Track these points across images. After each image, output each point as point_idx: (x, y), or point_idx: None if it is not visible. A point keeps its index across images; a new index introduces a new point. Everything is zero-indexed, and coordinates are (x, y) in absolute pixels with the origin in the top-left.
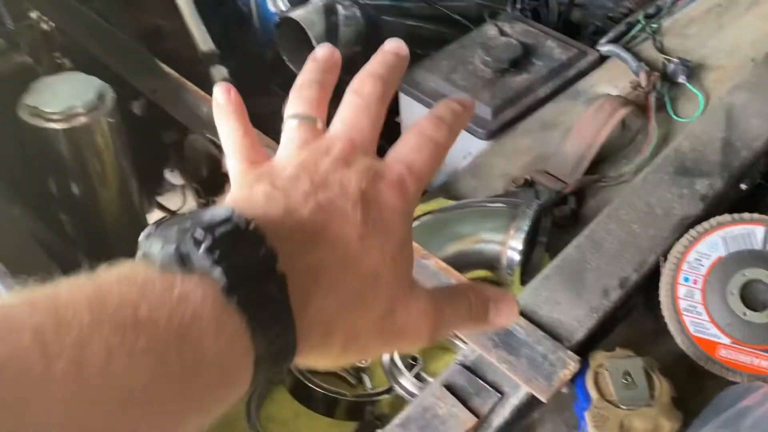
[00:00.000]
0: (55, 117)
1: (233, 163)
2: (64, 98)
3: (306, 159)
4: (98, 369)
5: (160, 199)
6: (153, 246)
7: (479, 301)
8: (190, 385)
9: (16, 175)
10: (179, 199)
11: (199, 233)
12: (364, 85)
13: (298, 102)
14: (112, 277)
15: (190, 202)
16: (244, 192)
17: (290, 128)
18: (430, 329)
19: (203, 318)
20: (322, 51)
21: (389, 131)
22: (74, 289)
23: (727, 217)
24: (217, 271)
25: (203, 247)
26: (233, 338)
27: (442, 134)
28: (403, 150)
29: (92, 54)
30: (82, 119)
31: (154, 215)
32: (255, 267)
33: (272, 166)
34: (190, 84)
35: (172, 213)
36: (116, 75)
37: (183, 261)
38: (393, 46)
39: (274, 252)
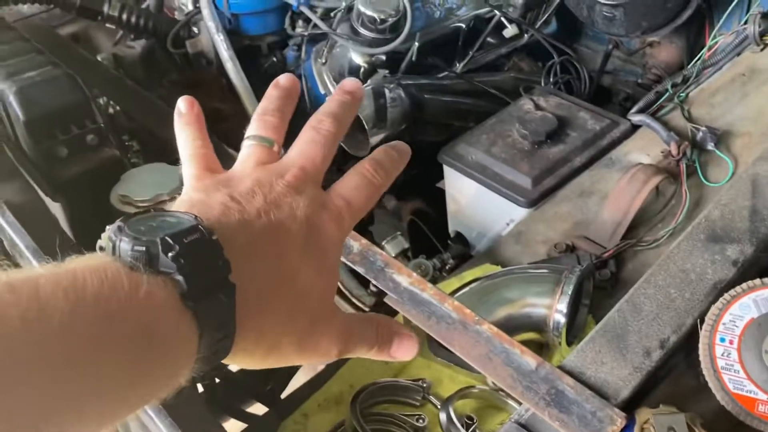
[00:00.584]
0: (143, 204)
1: (189, 168)
2: (151, 187)
3: (262, 177)
4: (77, 354)
5: None
6: (123, 243)
7: (385, 333)
8: (148, 372)
9: None
10: None
11: (169, 240)
12: (321, 123)
13: (259, 125)
14: (84, 270)
15: None
16: (201, 197)
17: (248, 147)
18: (339, 349)
19: (164, 317)
20: (285, 80)
21: (432, 197)
22: (52, 279)
23: (757, 281)
24: (181, 278)
25: (171, 253)
26: (185, 339)
27: (380, 178)
28: (346, 187)
29: (159, 137)
30: (168, 205)
31: None
32: (213, 277)
33: (229, 177)
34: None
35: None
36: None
37: (150, 262)
38: (350, 86)
39: (229, 264)
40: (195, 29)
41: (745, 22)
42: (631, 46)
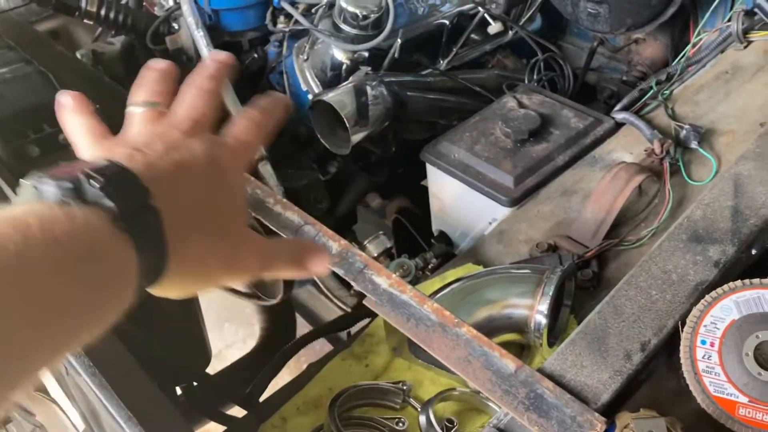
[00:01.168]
0: None
1: (83, 140)
2: None
3: (157, 130)
4: (35, 273)
5: None
6: (47, 187)
7: (299, 249)
8: (99, 288)
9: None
10: None
11: (91, 172)
12: (202, 82)
13: (143, 91)
14: (21, 213)
15: None
16: (105, 154)
17: (136, 113)
18: (261, 264)
19: (103, 239)
20: (160, 65)
21: (417, 195)
22: None
23: (738, 283)
24: (111, 203)
25: (96, 184)
26: (125, 256)
27: (264, 120)
28: (237, 129)
29: None
30: None
31: None
32: (137, 201)
33: (125, 138)
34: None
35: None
36: None
37: (79, 196)
38: (220, 56)
39: (149, 190)
40: (175, 25)
41: (729, 20)
42: (615, 43)
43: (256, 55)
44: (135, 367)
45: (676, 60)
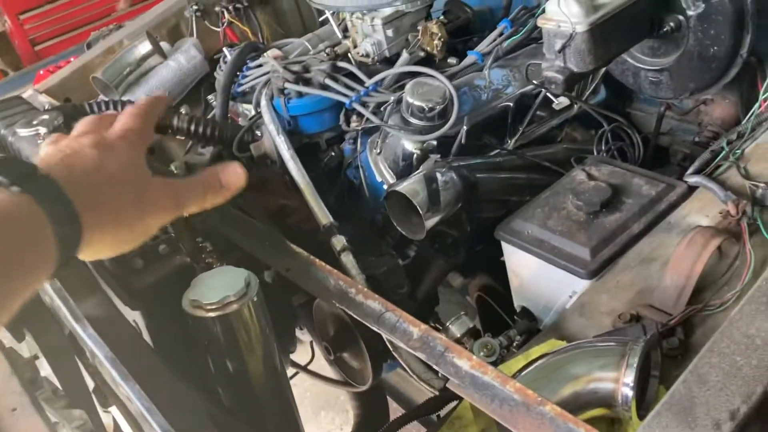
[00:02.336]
0: (212, 307)
1: None
2: (219, 289)
3: (55, 139)
4: None
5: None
6: None
7: (210, 176)
8: (13, 254)
9: (179, 356)
10: (308, 355)
11: None
12: (104, 116)
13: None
14: None
15: (318, 357)
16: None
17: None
18: (173, 203)
19: (7, 206)
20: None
21: (498, 272)
22: None
23: None
24: (4, 179)
25: None
26: (32, 216)
27: (142, 112)
28: (117, 123)
29: (229, 238)
30: (234, 306)
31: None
32: (22, 170)
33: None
34: (318, 261)
35: (302, 368)
36: (249, 253)
37: None
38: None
39: (34, 164)
40: (258, 132)
41: None
42: (684, 105)
43: (333, 154)
44: None
45: (747, 118)
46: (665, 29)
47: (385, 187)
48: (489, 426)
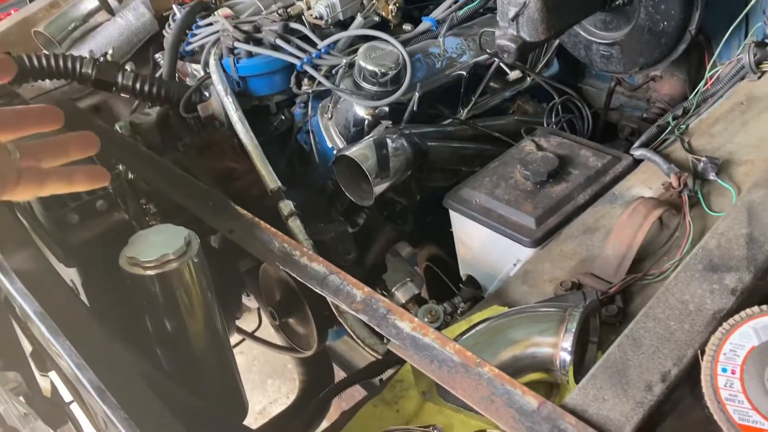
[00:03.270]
0: (150, 265)
1: None
2: (158, 247)
3: None
4: None
5: (238, 322)
6: None
7: (73, 172)
8: None
9: (116, 316)
10: (255, 322)
11: None
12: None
13: None
14: None
15: (266, 324)
16: None
17: None
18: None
19: None
20: None
21: (447, 242)
22: None
23: (756, 309)
24: None
25: None
26: None
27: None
28: None
29: (173, 199)
30: (173, 264)
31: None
32: None
33: None
34: (262, 223)
35: (249, 335)
36: (193, 215)
37: None
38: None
39: None
40: (206, 93)
41: (740, 53)
42: (633, 81)
43: (283, 117)
44: (172, 422)
45: (692, 95)
46: (617, 2)
47: (335, 152)
48: (429, 388)
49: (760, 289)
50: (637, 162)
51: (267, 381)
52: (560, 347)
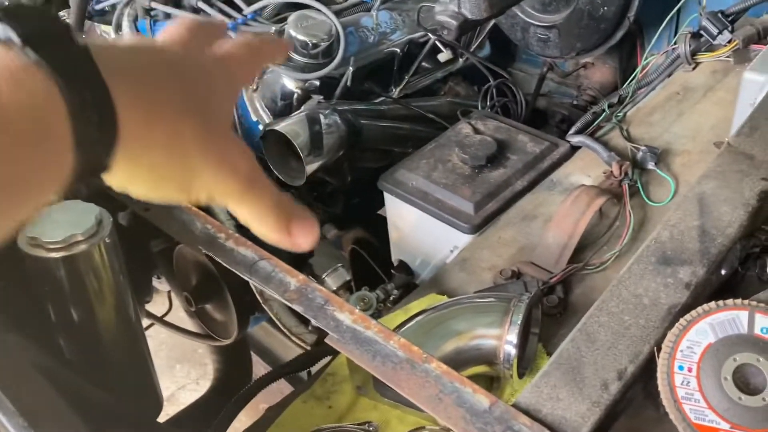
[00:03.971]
0: (55, 247)
1: None
2: (64, 227)
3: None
4: None
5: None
6: None
7: (286, 204)
8: (23, 144)
9: (13, 302)
10: (165, 305)
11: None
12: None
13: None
14: None
15: (177, 308)
16: None
17: None
18: (245, 174)
19: (11, 78)
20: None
21: (374, 225)
22: None
23: (712, 305)
24: (11, 31)
25: (4, 18)
26: (35, 88)
27: (259, 49)
28: (225, 45)
29: None
30: (82, 246)
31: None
32: (54, 30)
33: None
34: None
35: (159, 320)
36: (102, 190)
37: None
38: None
39: (67, 23)
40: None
41: (675, 42)
42: (565, 68)
43: None
44: (72, 418)
45: (627, 82)
46: None
47: (260, 127)
48: (365, 383)
49: (712, 283)
50: (574, 149)
51: (175, 366)
52: (505, 340)
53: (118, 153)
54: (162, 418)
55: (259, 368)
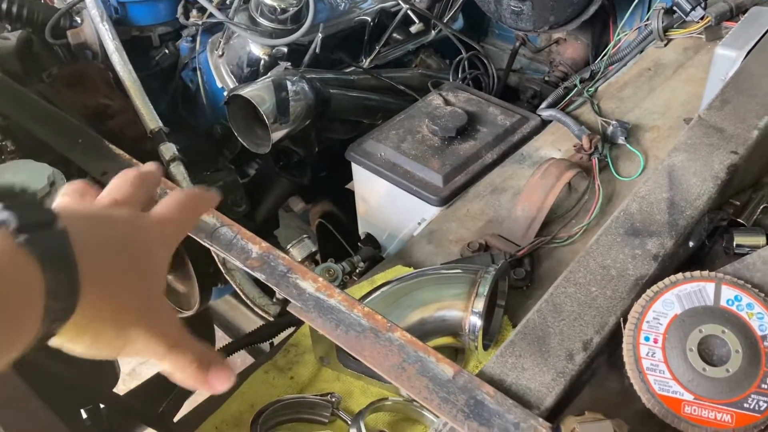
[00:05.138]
0: None
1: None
2: (17, 188)
3: (83, 191)
4: None
5: None
6: None
7: (206, 355)
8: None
9: None
10: None
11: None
12: (126, 173)
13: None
14: None
15: None
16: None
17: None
18: (174, 337)
19: (3, 256)
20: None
21: (341, 199)
22: None
23: (679, 276)
24: (10, 215)
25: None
26: (24, 267)
27: (192, 201)
28: (161, 206)
29: (36, 136)
30: None
31: None
32: (40, 216)
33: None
34: (141, 165)
35: None
36: (60, 155)
37: None
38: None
39: (55, 213)
40: (78, 18)
41: (648, 19)
42: (537, 43)
43: (167, 51)
44: (24, 390)
45: (599, 58)
46: None
47: (225, 93)
48: (328, 353)
49: (679, 255)
50: (545, 123)
51: None
52: (471, 311)
53: (69, 323)
54: (122, 392)
55: (222, 341)
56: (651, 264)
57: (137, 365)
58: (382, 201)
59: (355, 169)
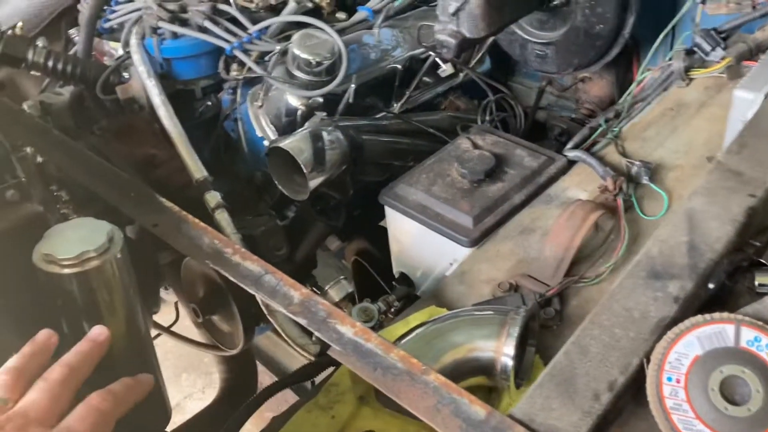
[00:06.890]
0: (68, 263)
1: None
2: (77, 244)
3: None
4: None
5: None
6: None
7: None
8: None
9: (27, 316)
10: (172, 315)
11: None
12: (51, 372)
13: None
14: None
15: (183, 317)
16: None
17: None
18: None
19: None
20: (41, 335)
21: (375, 236)
22: None
23: (699, 318)
24: None
25: None
26: None
27: (107, 404)
28: (71, 418)
29: (89, 188)
30: (94, 262)
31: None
32: None
33: None
34: (190, 217)
35: (166, 330)
36: (110, 204)
37: None
38: (94, 334)
39: None
40: (125, 74)
41: (670, 59)
42: (563, 82)
43: (209, 103)
44: None
45: (623, 98)
46: (555, 2)
47: (265, 142)
48: (367, 393)
49: (700, 296)
50: (571, 163)
51: (182, 375)
52: (502, 352)
53: None
54: (168, 428)
55: (264, 377)
56: (672, 306)
57: (182, 399)
58: (414, 242)
59: (388, 211)
